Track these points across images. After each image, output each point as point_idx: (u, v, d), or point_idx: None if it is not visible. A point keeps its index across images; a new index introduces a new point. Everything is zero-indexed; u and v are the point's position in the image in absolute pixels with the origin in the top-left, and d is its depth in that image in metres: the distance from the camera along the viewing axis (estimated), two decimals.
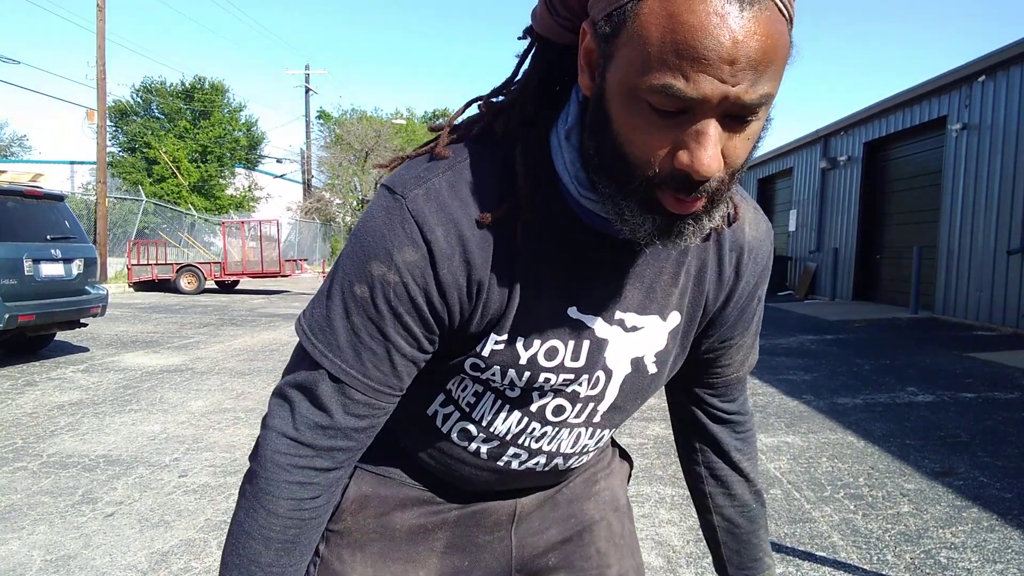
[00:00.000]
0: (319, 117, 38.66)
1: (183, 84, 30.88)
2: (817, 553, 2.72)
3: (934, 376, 6.31)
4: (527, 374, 0.76)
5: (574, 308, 0.75)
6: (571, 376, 0.78)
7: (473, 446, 0.84)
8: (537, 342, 0.74)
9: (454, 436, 0.84)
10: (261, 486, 0.72)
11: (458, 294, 0.70)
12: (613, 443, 1.04)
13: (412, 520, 0.89)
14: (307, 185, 33.61)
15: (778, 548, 2.76)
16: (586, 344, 0.76)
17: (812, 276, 16.13)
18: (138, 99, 30.55)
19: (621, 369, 0.80)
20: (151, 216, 22.03)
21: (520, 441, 0.83)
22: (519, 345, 0.74)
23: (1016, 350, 7.70)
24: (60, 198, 7.33)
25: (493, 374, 0.77)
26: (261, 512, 0.72)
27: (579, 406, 0.81)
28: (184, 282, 15.88)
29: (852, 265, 14.59)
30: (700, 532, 2.89)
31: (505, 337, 0.74)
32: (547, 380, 0.77)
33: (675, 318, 0.80)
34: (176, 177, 28.60)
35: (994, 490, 3.42)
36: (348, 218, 35.20)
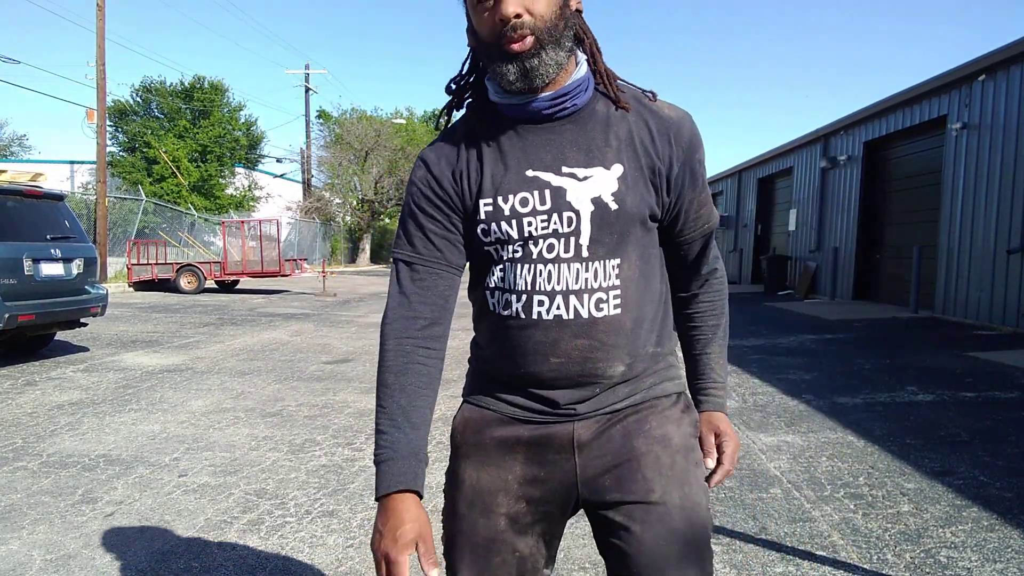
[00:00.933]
0: (319, 117, 38.67)
1: (183, 84, 30.86)
2: (817, 553, 2.72)
3: (934, 376, 6.31)
4: (514, 222, 1.13)
5: (529, 170, 1.14)
6: (545, 217, 1.12)
7: (511, 309, 1.17)
8: (511, 196, 1.13)
9: (501, 310, 1.19)
10: (383, 330, 1.20)
11: (447, 181, 1.17)
12: (677, 400, 1.26)
13: (497, 435, 1.22)
14: (307, 185, 33.60)
15: (778, 548, 2.76)
16: (548, 192, 1.12)
17: (812, 276, 16.13)
18: (138, 99, 30.54)
19: (585, 207, 1.12)
20: (151, 216, 22.02)
21: (536, 285, 1.14)
22: (499, 201, 1.14)
23: (1016, 349, 7.70)
24: (60, 198, 7.33)
25: (495, 231, 1.15)
26: (382, 348, 1.19)
27: (563, 241, 1.13)
28: (184, 282, 15.88)
29: (852, 265, 14.59)
30: None
31: (489, 200, 1.14)
32: (530, 223, 1.13)
33: (617, 168, 1.13)
34: (176, 177, 28.59)
35: (994, 490, 3.42)
36: (348, 218, 35.19)
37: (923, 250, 11.41)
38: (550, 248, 1.13)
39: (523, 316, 1.16)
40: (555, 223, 1.12)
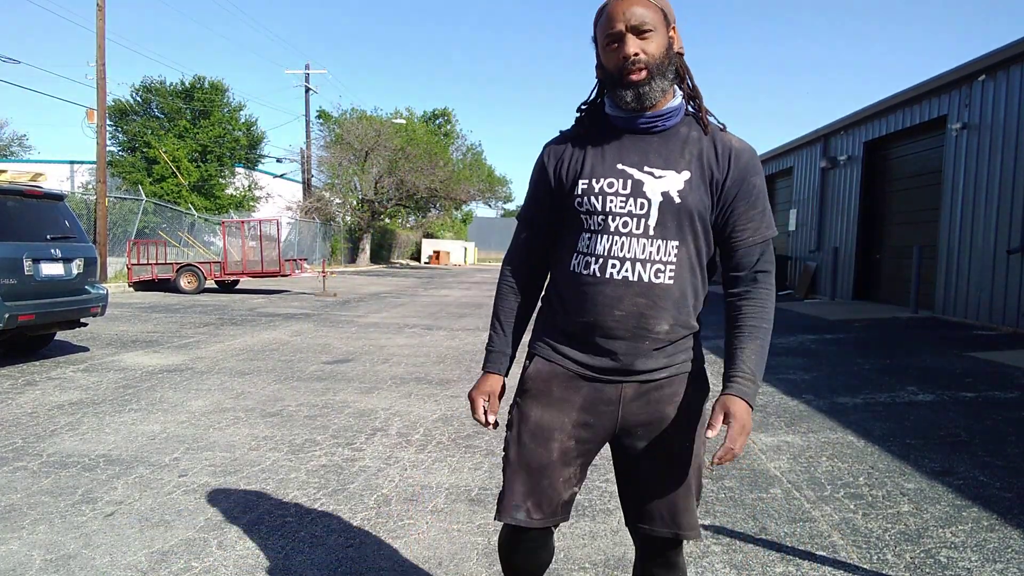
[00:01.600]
0: (319, 117, 38.65)
1: (183, 84, 30.84)
2: (817, 553, 2.72)
3: (934, 376, 6.31)
4: (601, 197, 1.52)
5: (620, 164, 1.53)
6: (624, 199, 1.51)
7: (593, 268, 1.53)
8: (602, 180, 1.53)
9: (582, 270, 1.55)
10: (502, 267, 1.73)
11: (555, 164, 1.61)
12: (698, 376, 1.67)
13: (562, 386, 1.60)
14: (307, 185, 33.58)
15: (778, 548, 2.76)
16: (630, 182, 1.51)
17: (812, 276, 16.12)
18: (138, 99, 30.51)
19: (656, 198, 1.50)
20: (151, 216, 22.00)
21: (612, 252, 1.52)
22: (592, 181, 1.53)
23: (1016, 349, 7.70)
24: (60, 198, 7.33)
25: (588, 202, 1.53)
26: (500, 280, 1.73)
27: (635, 220, 1.51)
28: (184, 282, 15.88)
29: (852, 264, 14.59)
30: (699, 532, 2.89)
31: (586, 181, 1.54)
32: (611, 201, 1.51)
33: (686, 174, 1.51)
34: (176, 177, 28.58)
35: (994, 490, 3.42)
36: (348, 218, 35.18)
37: (923, 250, 11.41)
38: (625, 224, 1.52)
39: (598, 275, 1.53)
40: (631, 205, 1.52)
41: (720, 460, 1.46)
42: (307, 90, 33.19)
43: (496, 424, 1.69)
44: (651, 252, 1.51)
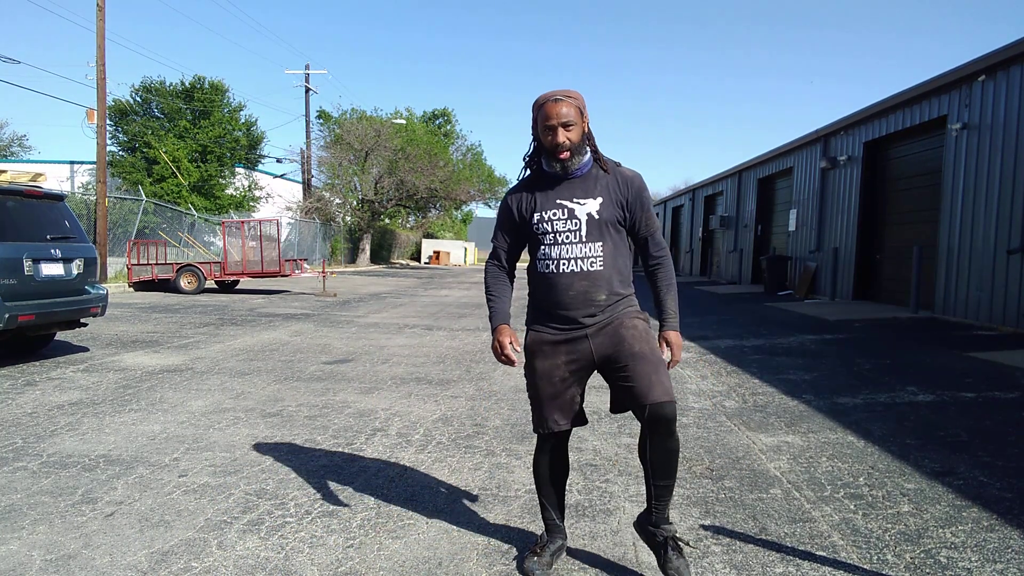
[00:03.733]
0: (319, 117, 38.63)
1: (183, 84, 30.82)
2: (817, 553, 2.72)
3: (934, 376, 6.31)
4: (549, 222, 2.41)
5: (558, 199, 2.43)
6: (563, 221, 2.40)
7: (551, 267, 2.41)
8: (548, 211, 2.42)
9: (546, 270, 2.43)
10: (485, 270, 2.65)
11: (516, 205, 2.50)
12: (638, 314, 2.48)
13: (549, 343, 2.45)
14: (307, 185, 33.57)
15: (778, 548, 2.76)
16: (565, 210, 2.41)
17: (812, 276, 16.12)
18: (138, 99, 30.49)
19: (583, 217, 2.40)
20: (151, 216, 21.99)
21: (562, 254, 2.39)
22: (543, 213, 2.43)
23: (1016, 350, 7.69)
24: (60, 198, 7.32)
25: (541, 227, 2.42)
26: (485, 276, 2.63)
27: (573, 234, 2.39)
28: (184, 282, 15.88)
29: (852, 265, 14.58)
30: (700, 532, 2.89)
31: (539, 214, 2.44)
32: (556, 223, 2.41)
33: (600, 199, 2.41)
34: (176, 177, 28.57)
35: (994, 490, 3.42)
36: (348, 218, 35.17)
37: (923, 250, 11.41)
38: (566, 237, 2.39)
39: (556, 271, 2.41)
40: (569, 224, 2.40)
41: (669, 367, 2.38)
42: (307, 90, 33.18)
43: (514, 363, 2.47)
44: (585, 252, 2.39)
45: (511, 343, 2.45)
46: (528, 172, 2.53)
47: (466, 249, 50.98)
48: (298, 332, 9.26)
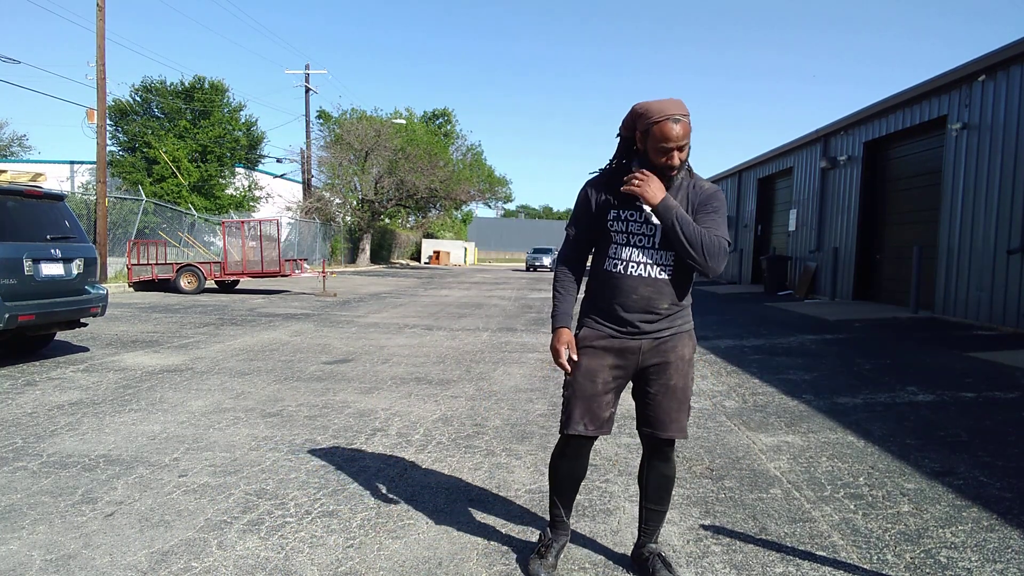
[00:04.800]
0: (319, 117, 38.63)
1: (183, 84, 30.82)
2: (817, 553, 2.71)
3: (934, 376, 6.31)
4: (623, 223, 2.39)
5: (638, 201, 2.35)
6: (639, 224, 2.37)
7: (619, 268, 2.38)
8: (625, 211, 2.39)
9: (613, 269, 2.40)
10: (557, 263, 2.57)
11: (595, 199, 2.45)
12: (690, 334, 2.47)
13: (601, 343, 2.41)
14: (307, 185, 33.57)
15: (778, 548, 2.76)
16: (644, 213, 2.36)
17: (812, 276, 16.12)
18: (138, 99, 30.49)
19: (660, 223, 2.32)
20: (151, 216, 21.99)
21: (632, 256, 2.37)
22: (620, 212, 2.40)
23: (1016, 350, 7.69)
24: (60, 198, 7.32)
25: (616, 226, 2.39)
26: (556, 271, 2.56)
27: (648, 238, 2.36)
28: (184, 282, 15.88)
29: (852, 265, 14.58)
30: (700, 532, 2.89)
31: (615, 211, 2.40)
32: (631, 224, 2.38)
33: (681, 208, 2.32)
34: (176, 177, 28.56)
35: (994, 490, 3.42)
36: (348, 218, 35.16)
37: (923, 250, 11.41)
38: (640, 240, 2.37)
39: (623, 272, 2.38)
40: (644, 229, 2.37)
41: (627, 178, 2.31)
42: (307, 90, 33.17)
43: (572, 369, 2.42)
44: (657, 258, 2.36)
45: (568, 352, 2.39)
46: (613, 164, 2.48)
47: (466, 249, 50.99)
48: (298, 332, 9.26)
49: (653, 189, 2.25)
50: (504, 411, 4.99)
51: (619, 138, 2.43)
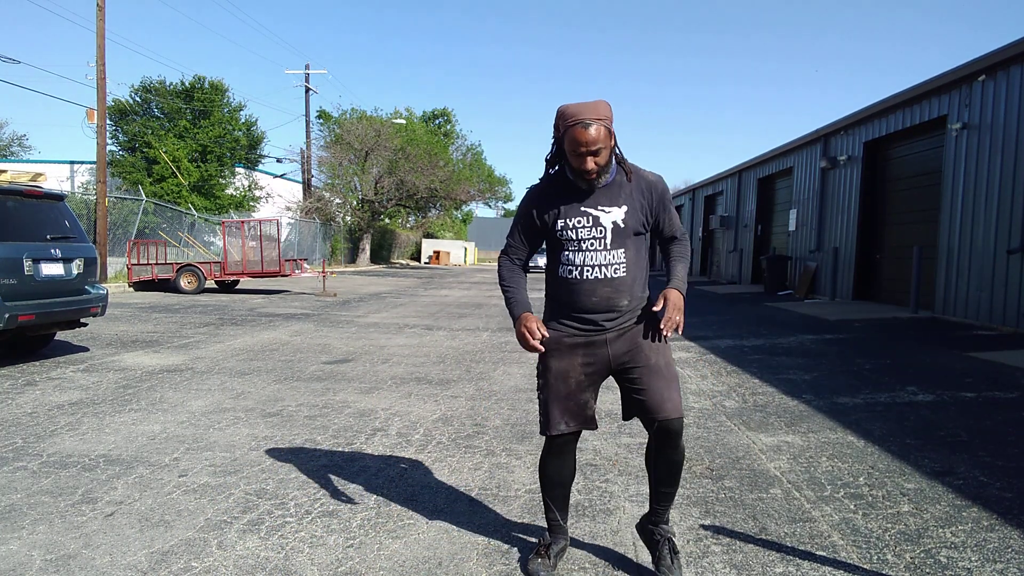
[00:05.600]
0: (319, 117, 38.62)
1: (183, 84, 30.82)
2: (817, 553, 2.71)
3: (934, 376, 6.31)
4: (572, 231, 2.38)
5: (582, 207, 2.39)
6: (587, 228, 2.37)
7: (574, 274, 2.39)
8: (573, 218, 2.38)
9: (567, 275, 2.41)
10: (499, 266, 2.63)
11: (537, 210, 2.45)
12: (653, 318, 2.43)
13: (568, 343, 2.43)
14: (307, 185, 33.57)
15: (778, 548, 2.76)
16: (590, 217, 2.38)
17: (812, 276, 16.12)
18: (138, 99, 30.48)
19: (608, 225, 2.38)
20: (151, 216, 21.99)
21: (586, 261, 2.37)
22: (567, 220, 2.38)
23: (1016, 350, 7.69)
24: (60, 198, 7.32)
25: (565, 235, 2.38)
26: (499, 270, 2.61)
27: (598, 241, 2.37)
28: (184, 282, 15.88)
29: (852, 265, 14.58)
30: (700, 532, 2.89)
31: (563, 220, 2.39)
32: (580, 231, 2.37)
33: (624, 207, 2.40)
34: (176, 177, 28.56)
35: (994, 490, 3.42)
36: (348, 218, 35.16)
37: (923, 250, 11.40)
38: (591, 244, 2.38)
39: (579, 277, 2.39)
40: (594, 232, 2.37)
41: (666, 327, 2.31)
42: (307, 90, 33.17)
43: (542, 350, 2.43)
44: (610, 259, 2.38)
45: (537, 328, 2.38)
46: (550, 172, 2.47)
47: (466, 249, 50.98)
48: (298, 332, 9.25)
49: (680, 313, 2.35)
50: (504, 411, 4.99)
51: (554, 141, 2.38)
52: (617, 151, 2.37)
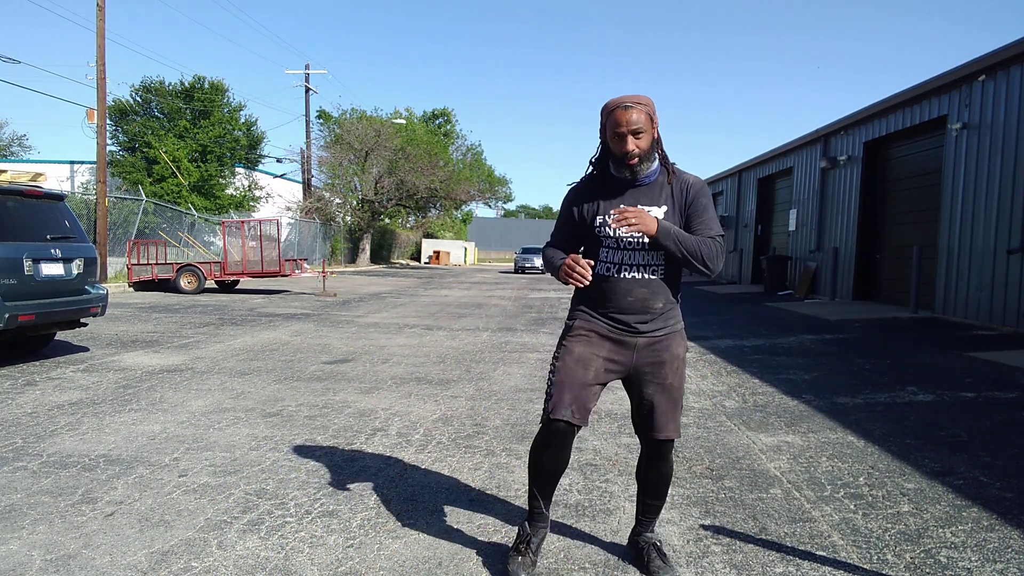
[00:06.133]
0: (319, 117, 38.62)
1: (183, 84, 30.81)
2: (817, 553, 2.71)
3: (934, 376, 6.31)
4: (610, 228, 2.40)
5: (622, 204, 2.40)
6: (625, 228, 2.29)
7: (612, 271, 2.41)
8: (611, 216, 2.34)
9: (605, 272, 2.41)
10: (544, 252, 2.62)
11: (578, 207, 2.50)
12: (682, 333, 2.52)
13: (598, 334, 2.44)
14: (307, 185, 33.56)
15: (778, 548, 2.76)
16: None
17: (812, 276, 16.12)
18: (138, 99, 30.48)
19: None
20: (151, 216, 21.98)
21: (622, 260, 2.40)
22: (606, 217, 2.41)
23: (1016, 350, 7.69)
24: (60, 198, 7.32)
25: (604, 231, 2.42)
26: (544, 253, 2.61)
27: (636, 240, 2.36)
28: (184, 282, 15.87)
29: (852, 265, 14.58)
30: (700, 532, 2.89)
31: (601, 217, 2.43)
32: (617, 229, 2.35)
33: (664, 208, 2.41)
34: (176, 177, 28.56)
35: (994, 490, 3.42)
36: (348, 218, 35.16)
37: (923, 250, 11.41)
38: (629, 243, 2.39)
39: (616, 275, 2.41)
40: (633, 231, 2.31)
41: (617, 215, 2.26)
42: (307, 90, 33.17)
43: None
44: (648, 259, 2.40)
45: (586, 263, 2.29)
46: (593, 171, 2.50)
47: (466, 249, 51.00)
48: (298, 332, 9.25)
49: (646, 221, 2.25)
50: (504, 411, 4.99)
51: (600, 143, 2.45)
52: (661, 150, 2.41)
